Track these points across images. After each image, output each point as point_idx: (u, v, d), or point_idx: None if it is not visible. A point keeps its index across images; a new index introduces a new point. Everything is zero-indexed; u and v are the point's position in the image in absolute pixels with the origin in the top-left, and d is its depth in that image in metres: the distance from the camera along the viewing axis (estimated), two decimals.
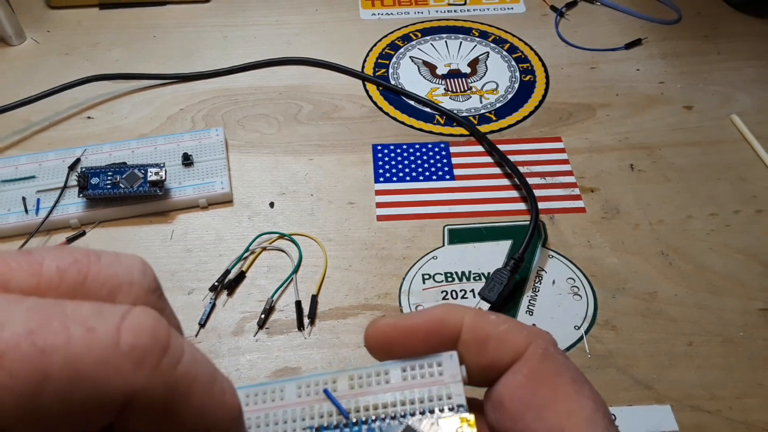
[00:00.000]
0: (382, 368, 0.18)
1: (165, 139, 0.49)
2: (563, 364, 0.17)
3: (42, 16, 0.62)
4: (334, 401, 0.17)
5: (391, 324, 0.18)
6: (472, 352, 0.18)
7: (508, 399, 0.17)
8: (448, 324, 0.18)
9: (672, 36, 0.60)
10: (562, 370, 0.17)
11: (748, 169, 0.49)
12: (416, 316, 0.18)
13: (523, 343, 0.17)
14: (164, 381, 0.12)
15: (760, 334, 0.39)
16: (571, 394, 0.17)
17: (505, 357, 0.18)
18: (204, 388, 0.13)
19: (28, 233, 0.44)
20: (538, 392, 0.17)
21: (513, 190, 0.48)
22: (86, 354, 0.11)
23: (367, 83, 0.56)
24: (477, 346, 0.18)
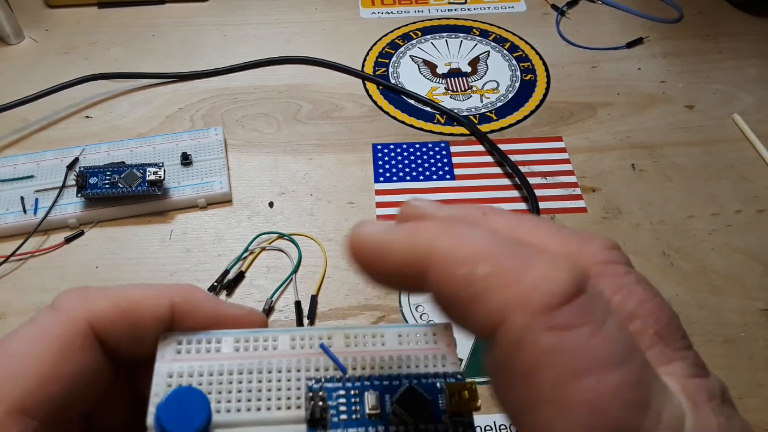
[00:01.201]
0: (378, 330, 0.18)
1: (164, 138, 0.49)
2: (549, 353, 0.12)
3: (40, 15, 0.62)
4: (332, 356, 0.17)
5: (372, 245, 0.15)
6: (440, 307, 0.14)
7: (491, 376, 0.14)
8: (415, 269, 0.14)
9: (673, 35, 0.60)
10: (541, 365, 0.12)
11: (750, 169, 0.49)
12: (398, 244, 0.15)
13: (491, 321, 0.13)
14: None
15: (761, 335, 0.39)
16: (556, 400, 0.12)
17: (475, 330, 0.13)
18: None
19: (26, 233, 0.43)
20: (510, 395, 0.13)
21: (514, 190, 0.47)
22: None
23: (367, 82, 0.56)
24: (443, 306, 0.14)
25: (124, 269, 0.43)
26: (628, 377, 0.12)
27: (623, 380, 0.12)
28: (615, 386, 0.12)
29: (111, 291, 0.17)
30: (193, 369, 0.17)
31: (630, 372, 0.12)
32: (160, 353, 0.17)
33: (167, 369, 0.17)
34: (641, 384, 0.12)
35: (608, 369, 0.12)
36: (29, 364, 0.15)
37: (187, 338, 0.17)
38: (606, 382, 0.12)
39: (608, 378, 0.12)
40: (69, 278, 0.42)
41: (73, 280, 0.42)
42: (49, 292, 0.41)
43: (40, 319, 0.16)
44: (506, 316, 0.12)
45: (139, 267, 0.43)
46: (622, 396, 0.12)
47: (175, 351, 0.17)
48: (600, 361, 0.12)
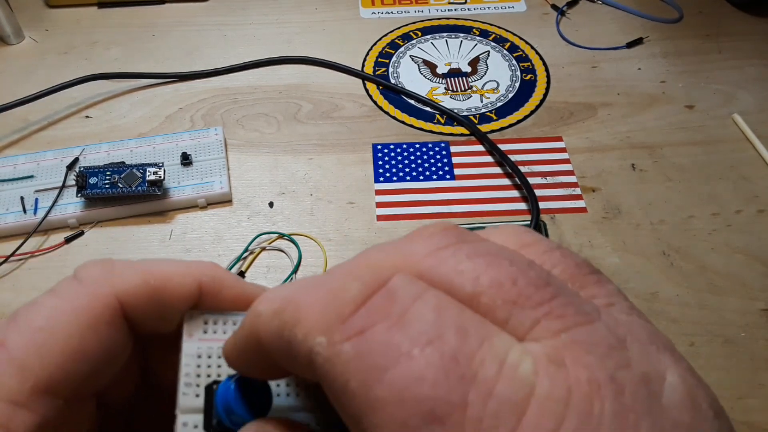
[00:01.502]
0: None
1: (164, 138, 0.49)
2: (351, 361, 0.12)
3: (40, 15, 0.62)
4: None
5: (228, 353, 0.16)
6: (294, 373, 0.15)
7: None
8: (250, 341, 0.15)
9: (673, 35, 0.60)
10: (348, 377, 0.12)
11: (750, 169, 0.49)
12: (235, 341, 0.15)
13: (305, 356, 0.13)
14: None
15: (762, 335, 0.39)
16: (368, 407, 0.12)
17: (308, 376, 0.13)
18: None
19: (26, 233, 0.43)
20: (345, 421, 0.12)
21: (514, 190, 0.47)
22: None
23: (367, 82, 0.56)
24: (289, 368, 0.14)
25: None
26: (436, 356, 0.11)
27: (430, 360, 0.11)
28: (421, 369, 0.11)
29: (138, 266, 0.16)
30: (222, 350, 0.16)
31: (438, 350, 0.11)
32: (187, 332, 0.16)
33: (196, 348, 0.16)
34: (457, 358, 0.11)
35: (410, 355, 0.11)
36: (57, 339, 0.15)
37: (213, 318, 0.17)
38: (411, 368, 0.11)
39: (412, 364, 0.11)
40: None
41: None
42: None
43: (63, 291, 0.16)
44: (311, 345, 0.12)
45: None
46: (431, 377, 0.11)
47: (202, 330, 0.17)
48: (401, 349, 0.11)
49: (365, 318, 0.12)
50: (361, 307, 0.12)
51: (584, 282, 0.14)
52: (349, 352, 0.12)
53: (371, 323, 0.12)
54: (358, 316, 0.12)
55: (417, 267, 0.13)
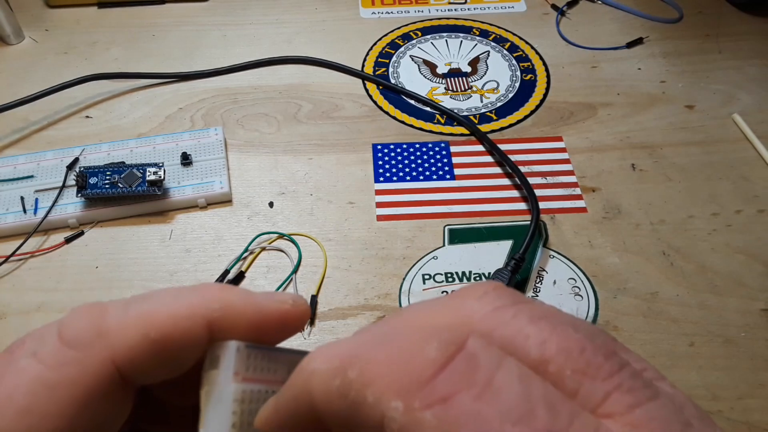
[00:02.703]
0: None
1: (164, 138, 0.49)
2: (435, 430, 0.11)
3: (40, 15, 0.62)
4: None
5: (268, 420, 0.14)
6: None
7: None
8: (307, 411, 0.13)
9: (673, 35, 0.60)
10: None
11: (750, 169, 0.49)
12: (282, 399, 0.14)
13: (376, 420, 0.11)
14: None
15: (762, 335, 0.39)
16: None
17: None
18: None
19: (26, 233, 0.43)
20: None
21: (514, 190, 0.47)
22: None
23: (367, 82, 0.56)
24: (346, 428, 0.13)
25: (124, 269, 0.43)
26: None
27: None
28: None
29: (134, 315, 0.14)
30: (261, 392, 0.14)
31: (530, 428, 0.11)
32: (234, 368, 0.14)
33: (239, 390, 0.14)
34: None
35: (501, 429, 0.10)
36: (45, 422, 0.13)
37: (254, 353, 0.14)
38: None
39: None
40: (69, 278, 0.42)
41: (73, 280, 0.42)
42: (49, 293, 0.41)
43: (49, 357, 0.13)
44: (384, 409, 0.11)
45: (139, 267, 0.43)
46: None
47: (245, 368, 0.14)
48: (492, 425, 0.10)
49: (448, 384, 0.11)
50: (441, 371, 0.11)
51: (615, 346, 0.13)
52: (431, 421, 0.11)
53: (455, 390, 0.11)
54: (440, 381, 0.11)
55: (478, 328, 0.12)
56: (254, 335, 0.15)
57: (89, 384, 0.13)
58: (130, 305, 0.14)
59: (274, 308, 0.15)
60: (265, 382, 0.14)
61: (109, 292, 0.41)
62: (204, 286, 0.15)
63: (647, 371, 0.13)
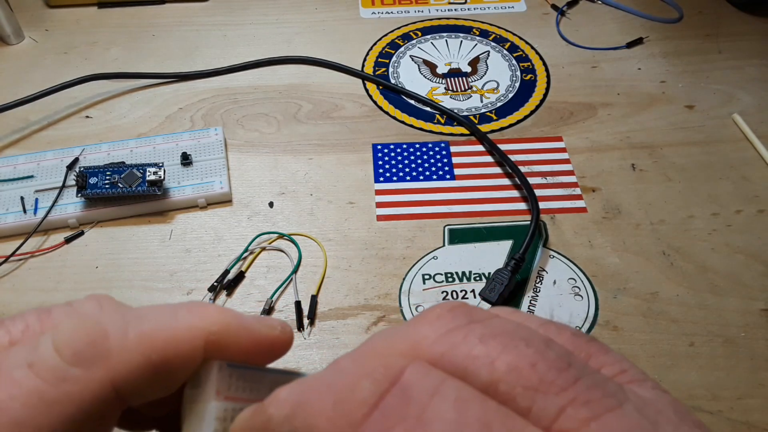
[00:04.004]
0: None
1: (164, 138, 0.49)
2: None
3: (40, 15, 0.62)
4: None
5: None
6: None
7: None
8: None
9: (673, 35, 0.60)
10: None
11: (750, 169, 0.49)
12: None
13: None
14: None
15: (762, 335, 0.39)
16: None
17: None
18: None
19: (26, 233, 0.43)
20: None
21: (514, 190, 0.47)
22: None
23: (367, 82, 0.56)
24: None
25: (124, 269, 0.43)
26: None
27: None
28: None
29: (135, 337, 0.14)
30: (237, 410, 0.14)
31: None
32: (216, 387, 0.14)
33: (221, 409, 0.14)
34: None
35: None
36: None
37: (236, 372, 0.15)
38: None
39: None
40: (69, 278, 0.42)
41: (72, 280, 0.42)
42: (49, 293, 0.41)
43: (45, 370, 0.13)
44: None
45: (139, 267, 0.43)
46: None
47: (226, 387, 0.14)
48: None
49: (380, 422, 0.11)
50: (374, 409, 0.11)
51: (589, 350, 0.13)
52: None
53: (387, 428, 0.11)
54: (372, 421, 0.11)
55: (427, 354, 0.12)
56: (244, 358, 0.15)
57: (86, 402, 0.13)
58: (130, 325, 0.14)
59: (265, 333, 0.15)
60: (246, 401, 0.15)
61: (108, 292, 0.41)
62: (201, 306, 0.15)
63: (626, 373, 0.13)
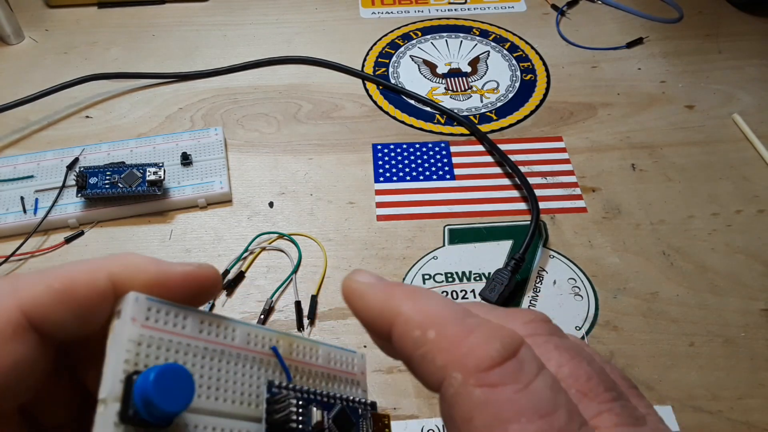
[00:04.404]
0: (315, 345, 0.19)
1: (164, 138, 0.49)
2: (479, 405, 0.14)
3: (40, 15, 0.62)
4: (281, 361, 0.18)
5: (356, 292, 0.18)
6: (400, 357, 0.17)
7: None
8: (384, 321, 0.17)
9: (673, 35, 0.60)
10: (473, 415, 0.14)
11: (750, 169, 0.49)
12: (374, 298, 0.17)
13: (437, 377, 0.15)
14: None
15: (762, 335, 0.39)
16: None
17: (425, 383, 0.16)
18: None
19: (26, 233, 0.43)
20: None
21: (514, 190, 0.47)
22: None
23: (367, 82, 0.56)
24: (401, 358, 0.16)
25: None
26: (547, 427, 0.14)
27: (542, 429, 0.14)
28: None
29: (43, 273, 0.16)
30: (163, 340, 0.16)
31: (549, 423, 0.14)
32: (131, 314, 0.15)
33: (139, 334, 0.15)
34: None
35: (530, 419, 0.14)
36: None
37: (157, 305, 0.16)
38: (527, 429, 0.14)
39: (529, 426, 0.14)
40: None
41: None
42: None
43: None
44: (447, 374, 0.15)
45: None
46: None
47: (145, 316, 0.16)
48: (523, 413, 0.14)
49: (499, 376, 0.14)
50: (498, 365, 0.15)
51: (629, 393, 0.17)
52: (479, 396, 0.14)
53: (503, 382, 0.14)
54: (495, 373, 0.14)
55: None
56: (158, 292, 0.16)
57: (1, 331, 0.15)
58: (43, 271, 0.16)
59: (178, 269, 0.17)
60: (168, 332, 0.16)
61: None
62: (112, 255, 0.17)
63: (650, 416, 0.16)
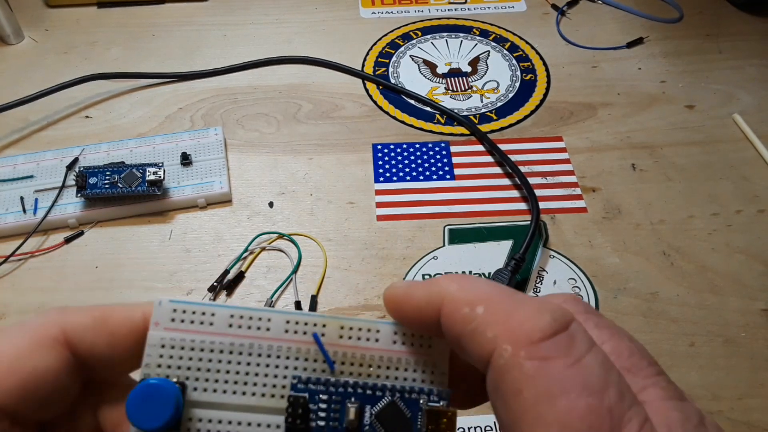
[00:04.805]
0: (374, 325, 0.17)
1: (163, 138, 0.49)
2: (529, 378, 0.14)
3: (40, 14, 0.62)
4: (322, 349, 0.17)
5: (399, 293, 0.18)
6: (449, 341, 0.17)
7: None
8: (432, 308, 0.17)
9: (673, 35, 0.60)
10: (522, 387, 0.14)
11: (750, 169, 0.49)
12: (419, 289, 0.17)
13: (487, 350, 0.15)
14: None
15: (762, 335, 0.39)
16: (533, 418, 0.14)
17: (475, 359, 0.16)
18: None
19: (26, 233, 0.43)
20: (501, 412, 0.15)
21: (514, 190, 0.47)
22: None
23: (367, 82, 0.56)
24: (451, 340, 0.16)
25: (124, 269, 0.43)
26: (597, 403, 0.14)
27: (593, 405, 0.14)
28: (585, 409, 0.14)
29: (90, 306, 0.18)
30: (185, 341, 0.16)
31: (600, 399, 0.14)
32: (154, 319, 0.17)
33: (160, 337, 0.16)
34: (613, 411, 0.14)
35: (580, 395, 0.14)
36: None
37: (182, 306, 0.17)
38: (577, 405, 0.14)
39: (579, 402, 0.14)
40: (69, 278, 0.42)
41: (72, 280, 0.42)
42: (49, 292, 0.41)
43: (21, 322, 0.17)
44: (497, 346, 0.15)
45: (139, 267, 0.43)
46: (591, 419, 0.14)
47: (169, 318, 0.17)
48: (573, 387, 0.14)
49: (550, 349, 0.14)
50: (548, 338, 0.15)
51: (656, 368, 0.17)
52: (530, 369, 0.14)
53: (554, 356, 0.14)
54: (546, 345, 0.14)
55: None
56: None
57: (35, 335, 0.16)
58: (92, 306, 0.18)
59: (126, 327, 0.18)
60: (195, 332, 0.17)
61: (109, 292, 0.41)
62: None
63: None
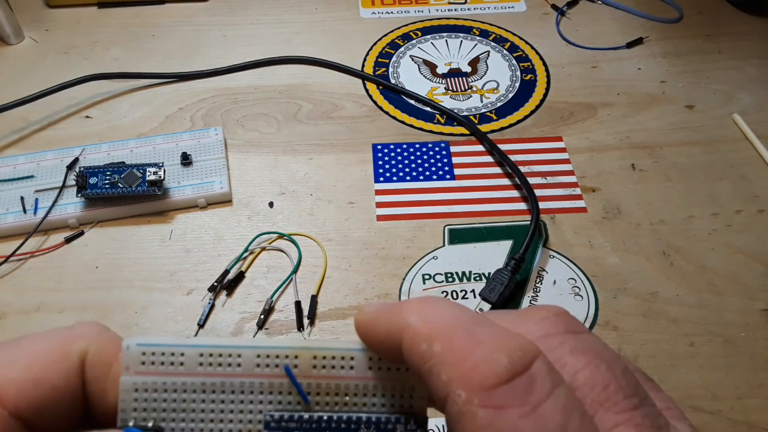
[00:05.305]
0: (348, 352, 0.17)
1: (164, 138, 0.49)
2: (483, 428, 0.13)
3: (40, 15, 0.62)
4: (295, 382, 0.17)
5: (367, 321, 0.17)
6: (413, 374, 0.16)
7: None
8: (395, 340, 0.16)
9: (673, 35, 0.60)
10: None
11: (750, 169, 0.49)
12: (383, 318, 0.16)
13: (442, 393, 0.14)
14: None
15: (762, 335, 0.39)
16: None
17: (433, 399, 0.15)
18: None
19: (26, 233, 0.43)
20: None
21: (514, 190, 0.47)
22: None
23: (367, 82, 0.56)
24: (413, 374, 0.16)
25: (124, 269, 0.43)
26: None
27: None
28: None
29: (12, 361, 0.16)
30: (157, 384, 0.16)
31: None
32: (124, 363, 0.16)
33: (132, 382, 0.16)
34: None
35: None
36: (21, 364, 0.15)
37: (151, 349, 0.16)
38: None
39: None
40: (69, 278, 0.42)
41: (72, 280, 0.42)
42: (49, 293, 0.41)
43: (44, 332, 0.16)
44: (451, 390, 0.14)
45: (139, 267, 0.43)
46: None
47: (139, 362, 0.16)
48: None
49: (505, 396, 0.13)
50: (504, 383, 0.13)
51: (645, 386, 0.15)
52: (483, 418, 0.13)
53: (509, 404, 0.13)
54: (501, 392, 0.13)
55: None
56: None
57: (64, 349, 0.16)
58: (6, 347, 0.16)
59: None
60: (166, 375, 0.16)
61: (109, 292, 0.41)
62: (72, 328, 0.17)
63: (670, 410, 0.15)
